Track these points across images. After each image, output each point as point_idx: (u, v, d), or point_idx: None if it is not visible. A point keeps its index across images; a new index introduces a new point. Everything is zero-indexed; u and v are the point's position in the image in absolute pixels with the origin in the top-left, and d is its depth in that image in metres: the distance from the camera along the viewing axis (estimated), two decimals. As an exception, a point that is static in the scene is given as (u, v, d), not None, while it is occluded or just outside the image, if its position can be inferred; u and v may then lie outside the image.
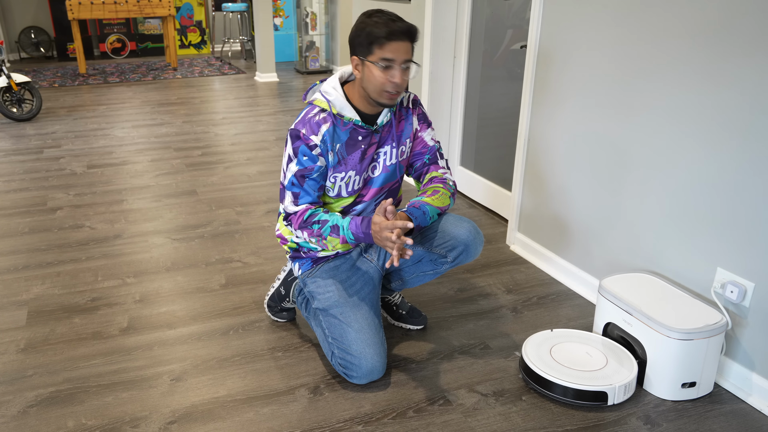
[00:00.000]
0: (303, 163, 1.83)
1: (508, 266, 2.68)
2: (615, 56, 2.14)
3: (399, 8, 3.68)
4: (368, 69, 1.75)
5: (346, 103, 1.83)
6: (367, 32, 1.72)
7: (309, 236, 1.87)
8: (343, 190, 1.91)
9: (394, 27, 1.70)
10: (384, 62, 1.73)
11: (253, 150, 4.41)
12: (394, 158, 1.95)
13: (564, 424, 1.74)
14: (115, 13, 7.48)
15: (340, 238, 1.83)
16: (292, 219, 1.89)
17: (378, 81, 1.75)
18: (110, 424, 1.74)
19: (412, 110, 1.98)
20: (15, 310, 2.32)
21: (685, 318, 1.81)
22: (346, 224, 1.82)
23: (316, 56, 7.64)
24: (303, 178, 1.84)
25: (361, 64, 1.77)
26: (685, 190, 1.95)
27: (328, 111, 1.83)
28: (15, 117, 5.14)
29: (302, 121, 1.84)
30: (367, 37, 1.72)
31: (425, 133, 2.01)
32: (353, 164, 1.88)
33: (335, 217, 1.84)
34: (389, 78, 1.75)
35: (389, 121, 1.92)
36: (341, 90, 1.84)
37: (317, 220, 1.84)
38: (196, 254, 2.78)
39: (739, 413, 1.80)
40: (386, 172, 1.95)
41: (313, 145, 1.81)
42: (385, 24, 1.70)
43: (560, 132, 2.46)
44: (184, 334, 2.17)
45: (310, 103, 1.88)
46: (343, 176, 1.88)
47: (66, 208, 3.30)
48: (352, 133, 1.85)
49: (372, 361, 1.85)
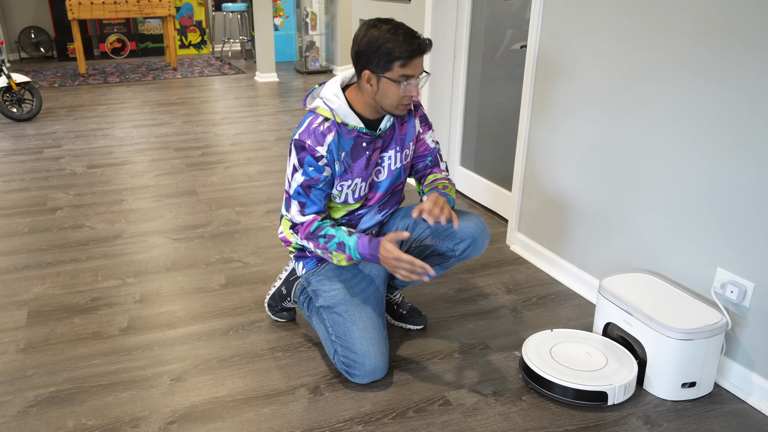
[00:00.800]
0: (309, 173, 1.81)
1: (508, 266, 2.68)
2: (615, 56, 2.14)
3: (399, 8, 3.68)
4: (384, 84, 1.73)
5: (350, 111, 1.80)
6: (386, 50, 1.68)
7: (315, 248, 1.86)
8: (350, 197, 1.90)
9: (415, 45, 1.69)
10: (403, 78, 1.72)
11: (253, 150, 4.41)
12: (398, 162, 1.95)
13: (564, 424, 1.74)
14: (115, 13, 7.48)
15: (346, 255, 1.81)
16: (299, 229, 1.88)
17: (397, 96, 1.75)
18: (110, 424, 1.74)
19: (414, 113, 1.98)
20: (15, 310, 2.32)
21: (685, 318, 1.81)
22: (352, 243, 1.79)
23: (316, 56, 7.64)
24: (309, 188, 1.82)
25: (376, 78, 1.74)
26: (685, 190, 1.95)
27: (332, 120, 1.81)
28: (15, 117, 5.14)
29: (306, 131, 1.80)
30: (386, 55, 1.68)
31: (426, 135, 2.02)
32: (359, 171, 1.87)
33: (341, 234, 1.81)
34: (407, 93, 1.75)
35: (391, 125, 1.92)
36: (343, 97, 1.81)
37: (324, 234, 1.83)
38: (196, 254, 2.78)
39: (739, 413, 1.80)
40: (391, 177, 1.95)
41: (319, 156, 1.79)
42: (405, 42, 1.67)
43: (560, 132, 2.46)
44: (184, 334, 2.17)
45: (312, 110, 1.85)
46: (349, 184, 1.87)
47: (66, 208, 3.30)
48: (357, 140, 1.84)
49: (375, 360, 1.85)
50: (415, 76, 1.73)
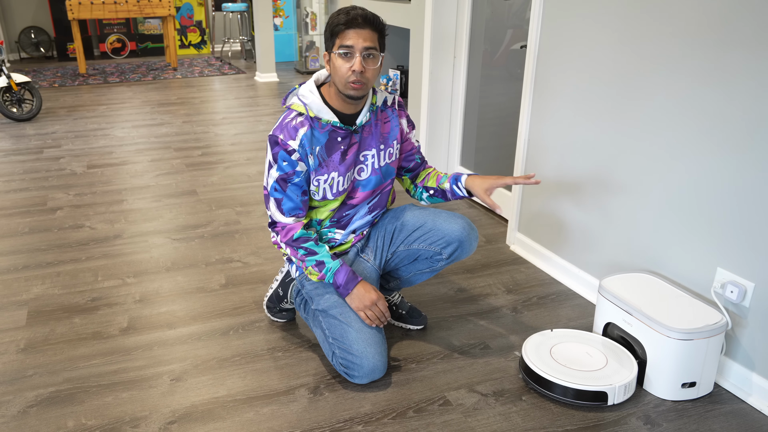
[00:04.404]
0: (283, 168, 1.85)
1: (508, 266, 2.68)
2: (615, 56, 2.14)
3: (399, 8, 3.68)
4: (334, 61, 1.79)
5: (323, 106, 1.85)
6: (330, 26, 1.77)
7: (292, 255, 1.92)
8: (328, 193, 1.92)
9: (353, 14, 1.75)
10: (344, 49, 1.75)
11: (253, 150, 4.41)
12: (383, 160, 1.97)
13: (564, 424, 1.74)
14: (115, 13, 7.48)
15: (320, 274, 1.89)
16: (278, 229, 1.91)
17: (341, 71, 1.78)
18: (110, 424, 1.74)
19: (399, 112, 2.01)
20: (15, 310, 2.32)
21: (685, 318, 1.81)
22: (334, 268, 1.87)
23: (316, 56, 7.64)
24: (285, 182, 1.86)
25: (329, 57, 1.81)
26: (686, 190, 1.95)
27: (305, 115, 1.86)
28: (15, 117, 5.14)
29: (280, 126, 1.86)
30: (330, 31, 1.78)
31: (411, 134, 2.08)
32: (334, 165, 1.89)
33: (323, 253, 1.88)
34: (350, 67, 1.76)
35: (369, 122, 1.93)
36: (317, 93, 1.86)
37: (306, 247, 1.88)
38: (196, 254, 2.78)
39: (739, 413, 1.80)
40: (376, 175, 1.98)
41: (291, 150, 1.83)
42: (345, 13, 1.75)
43: (560, 132, 2.46)
44: (184, 334, 2.17)
45: (288, 107, 1.90)
46: (326, 178, 1.90)
47: (66, 208, 3.30)
48: (331, 134, 1.87)
49: (374, 361, 1.85)
50: (356, 48, 1.75)
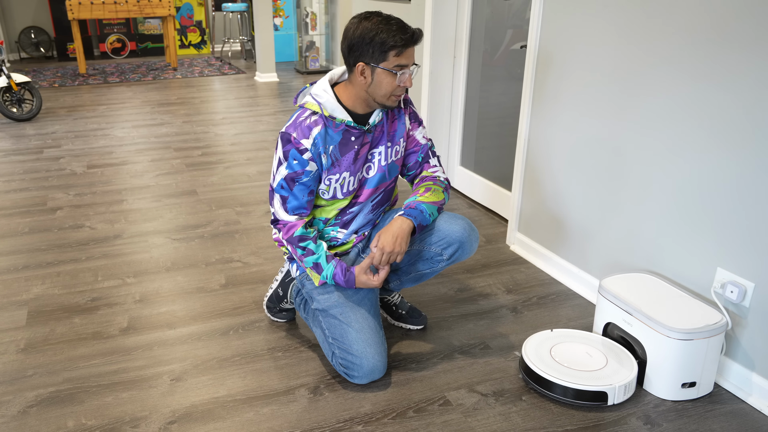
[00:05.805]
0: (293, 166, 1.84)
1: (508, 266, 2.68)
2: (615, 56, 2.14)
3: (399, 8, 3.68)
4: (379, 75, 1.78)
5: (338, 105, 1.84)
6: (380, 40, 1.73)
7: (292, 253, 1.93)
8: (339, 192, 1.92)
9: (409, 34, 1.75)
10: (398, 68, 1.77)
11: (253, 150, 4.41)
12: (389, 158, 1.97)
13: (564, 424, 1.74)
14: (115, 13, 7.48)
15: (320, 280, 1.91)
16: (280, 226, 1.91)
17: (390, 86, 1.79)
18: (110, 424, 1.74)
19: (404, 109, 2.00)
20: (15, 310, 2.32)
21: (685, 318, 1.81)
22: (330, 274, 1.88)
23: (316, 56, 7.64)
24: (293, 181, 1.86)
25: (370, 70, 1.78)
26: (685, 190, 1.95)
27: (319, 114, 1.85)
28: (15, 117, 5.14)
29: (293, 124, 1.85)
30: (381, 45, 1.73)
31: (417, 131, 2.04)
32: (347, 165, 1.89)
33: (321, 253, 1.89)
34: (401, 83, 1.79)
35: (381, 121, 1.93)
36: (332, 92, 1.85)
37: (304, 246, 1.89)
38: (196, 254, 2.78)
39: (739, 413, 1.80)
40: (381, 172, 1.97)
41: (303, 149, 1.82)
42: (399, 31, 1.74)
43: (560, 132, 2.46)
44: (184, 334, 2.17)
45: (302, 106, 1.89)
46: (337, 178, 1.89)
47: (66, 208, 3.30)
48: (345, 134, 1.87)
49: (373, 361, 1.85)
50: (408, 66, 1.79)
